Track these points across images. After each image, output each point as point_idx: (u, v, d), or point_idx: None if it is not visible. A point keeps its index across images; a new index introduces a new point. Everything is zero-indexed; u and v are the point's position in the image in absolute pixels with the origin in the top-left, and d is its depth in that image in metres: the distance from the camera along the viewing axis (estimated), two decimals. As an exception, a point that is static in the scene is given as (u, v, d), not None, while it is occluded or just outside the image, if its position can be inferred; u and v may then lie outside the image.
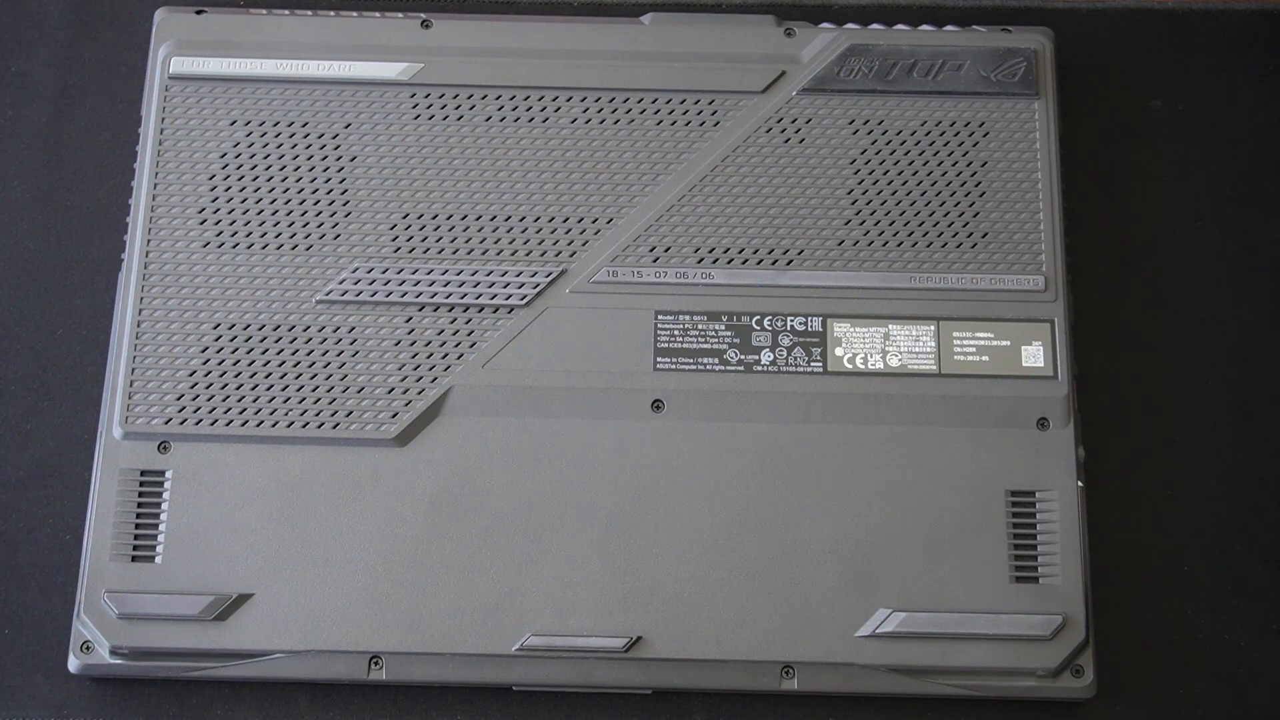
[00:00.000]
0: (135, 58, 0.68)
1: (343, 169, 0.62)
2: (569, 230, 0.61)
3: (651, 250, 0.61)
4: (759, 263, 0.61)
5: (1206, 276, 0.65)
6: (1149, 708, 0.59)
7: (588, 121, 0.63)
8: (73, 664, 0.56)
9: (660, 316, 0.60)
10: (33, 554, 0.60)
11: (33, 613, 0.59)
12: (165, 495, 0.58)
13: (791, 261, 0.61)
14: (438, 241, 0.61)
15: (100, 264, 0.65)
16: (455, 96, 0.63)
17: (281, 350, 0.59)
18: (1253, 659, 0.60)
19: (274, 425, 0.59)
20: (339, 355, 0.59)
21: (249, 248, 0.61)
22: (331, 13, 0.65)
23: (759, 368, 0.60)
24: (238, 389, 0.59)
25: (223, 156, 0.62)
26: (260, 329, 0.60)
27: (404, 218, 0.61)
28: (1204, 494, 0.62)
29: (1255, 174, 0.67)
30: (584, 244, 0.61)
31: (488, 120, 0.63)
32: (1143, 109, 0.68)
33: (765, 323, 0.60)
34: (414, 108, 0.63)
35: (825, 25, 0.65)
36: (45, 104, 0.68)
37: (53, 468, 0.62)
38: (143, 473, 0.58)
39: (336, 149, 0.62)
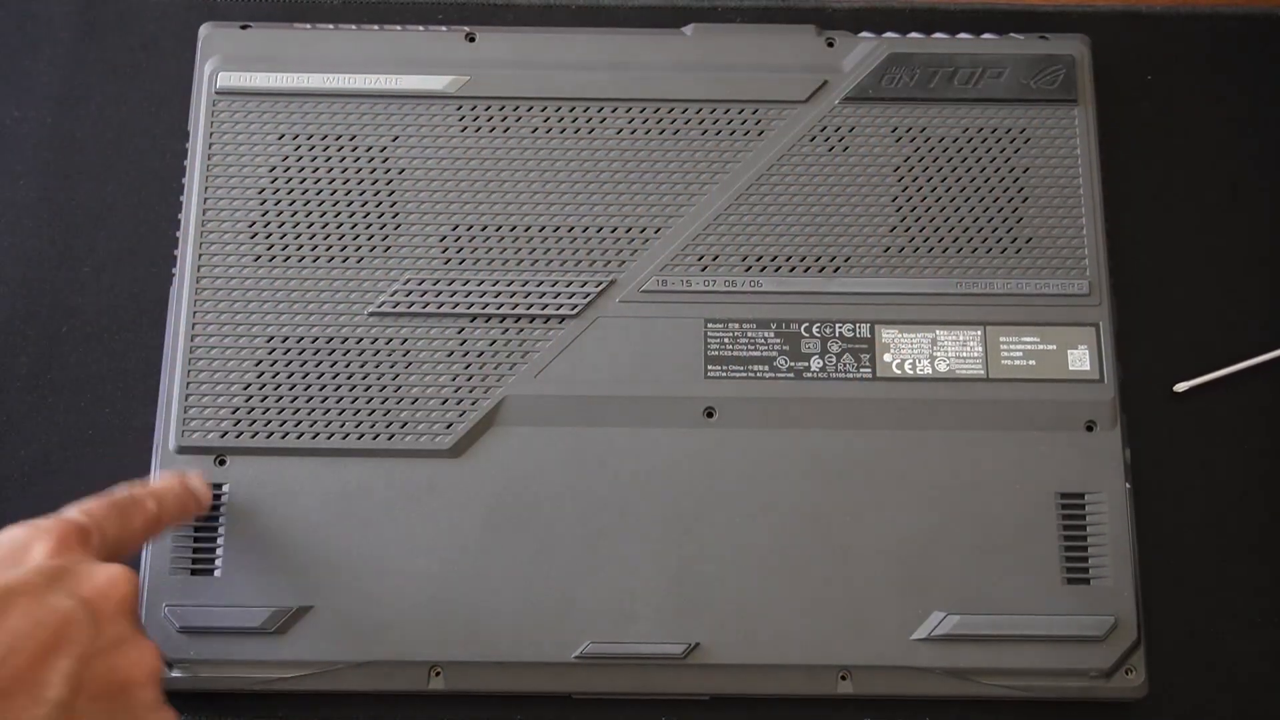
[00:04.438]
0: (139, 59, 0.68)
1: (391, 181, 0.62)
2: (617, 240, 0.62)
3: (700, 259, 0.62)
4: (806, 270, 0.62)
5: (1247, 275, 0.66)
6: (1200, 708, 0.60)
7: (633, 132, 0.63)
8: (134, 678, 0.57)
9: (710, 325, 0.61)
10: None
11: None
12: (223, 508, 0.58)
13: (839, 269, 0.62)
14: (487, 253, 0.61)
15: (104, 263, 0.65)
16: (501, 108, 0.63)
17: (335, 363, 0.60)
18: (1300, 656, 0.60)
19: (329, 438, 0.59)
20: (392, 367, 0.60)
21: (300, 261, 0.61)
22: (375, 27, 0.65)
23: (809, 374, 0.60)
24: (292, 402, 0.59)
25: (271, 170, 0.62)
26: (313, 342, 0.60)
27: (453, 229, 0.62)
28: (1250, 494, 0.62)
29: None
30: (633, 254, 0.62)
31: (534, 132, 0.63)
32: (1174, 112, 0.68)
33: (814, 330, 0.61)
34: (460, 120, 0.63)
35: (865, 34, 0.65)
36: (50, 104, 0.68)
37: (55, 464, 0.62)
38: (200, 486, 0.58)
39: (385, 161, 0.62)
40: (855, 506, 0.59)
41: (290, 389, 0.59)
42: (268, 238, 0.61)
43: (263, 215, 0.62)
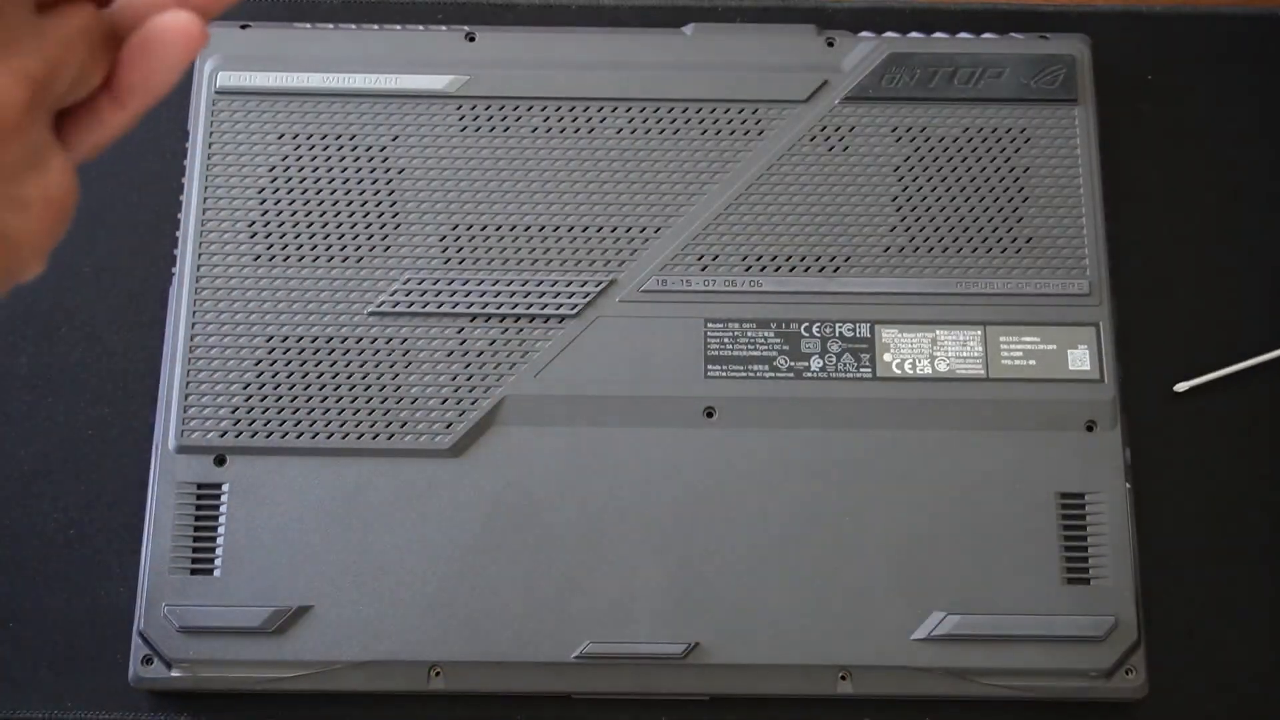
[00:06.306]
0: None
1: (391, 181, 0.62)
2: (617, 240, 0.62)
3: (700, 259, 0.62)
4: (806, 270, 0.62)
5: (1247, 275, 0.66)
6: (1200, 708, 0.60)
7: (633, 132, 0.63)
8: (133, 677, 0.57)
9: (710, 324, 0.61)
10: (36, 549, 0.61)
11: (38, 606, 0.60)
12: (222, 508, 0.58)
13: (839, 269, 0.62)
14: (487, 252, 0.61)
15: (103, 264, 0.65)
16: (501, 108, 0.63)
17: (335, 362, 0.60)
18: (1300, 657, 0.60)
19: (329, 437, 0.59)
20: (392, 367, 0.60)
21: (300, 260, 0.61)
22: (375, 27, 0.65)
23: (809, 374, 0.60)
24: (292, 401, 0.59)
25: (271, 170, 0.62)
26: (313, 341, 0.60)
27: (453, 229, 0.62)
28: (1250, 494, 0.62)
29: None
30: (632, 253, 0.62)
31: (534, 131, 0.63)
32: (1174, 112, 0.68)
33: (814, 329, 0.61)
34: (460, 119, 0.63)
35: (865, 34, 0.65)
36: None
37: (54, 464, 0.62)
38: (199, 486, 0.58)
39: (385, 161, 0.62)
40: (855, 506, 0.59)
41: (290, 389, 0.59)
42: (268, 238, 0.61)
43: (263, 215, 0.62)
